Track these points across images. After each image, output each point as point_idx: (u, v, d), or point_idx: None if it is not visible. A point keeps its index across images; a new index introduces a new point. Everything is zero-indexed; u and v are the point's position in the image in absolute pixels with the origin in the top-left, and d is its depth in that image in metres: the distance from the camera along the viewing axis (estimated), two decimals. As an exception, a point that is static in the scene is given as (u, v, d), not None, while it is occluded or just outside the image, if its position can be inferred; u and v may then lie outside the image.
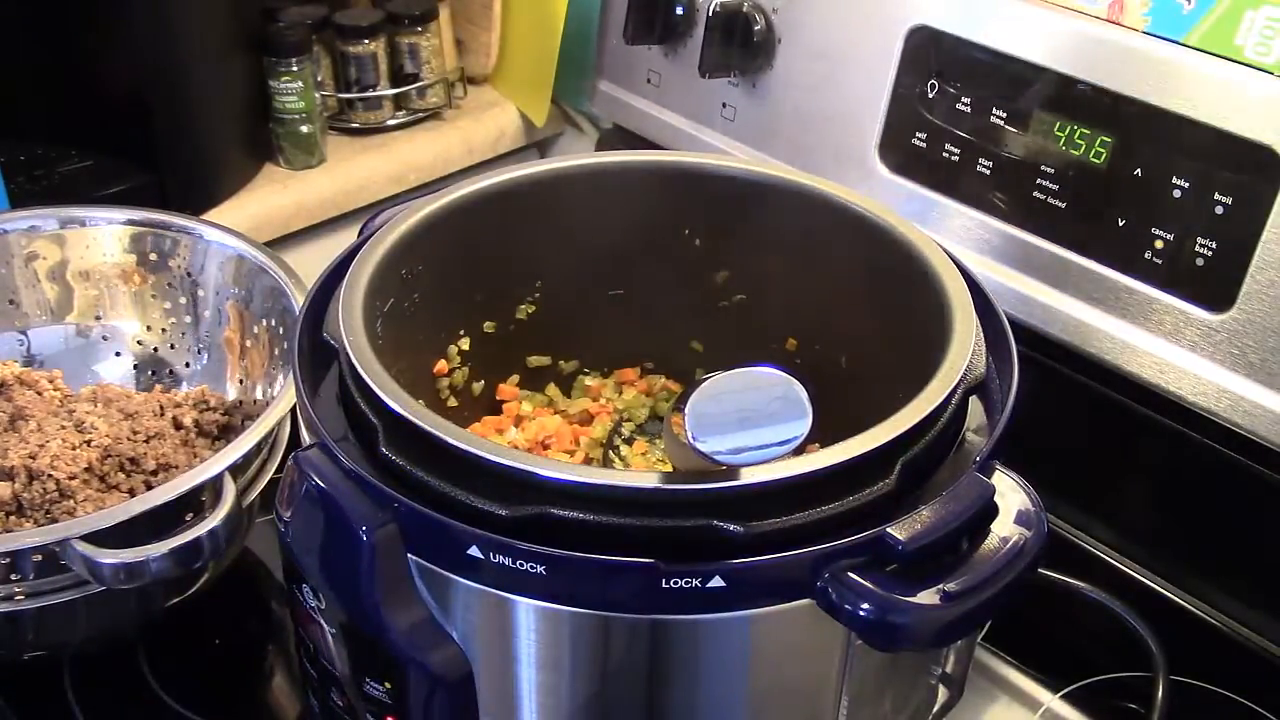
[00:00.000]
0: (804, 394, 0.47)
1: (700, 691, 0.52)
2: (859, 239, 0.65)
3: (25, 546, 0.62)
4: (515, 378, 0.75)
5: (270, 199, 1.06)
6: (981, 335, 0.58)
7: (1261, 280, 0.67)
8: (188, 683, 0.75)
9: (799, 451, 0.48)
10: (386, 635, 0.51)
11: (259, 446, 0.70)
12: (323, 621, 0.55)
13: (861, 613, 0.47)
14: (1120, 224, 0.72)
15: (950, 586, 0.47)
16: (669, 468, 0.52)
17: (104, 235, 0.87)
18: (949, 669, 0.62)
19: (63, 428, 0.75)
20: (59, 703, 0.73)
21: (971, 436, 0.57)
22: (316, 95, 1.09)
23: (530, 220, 0.69)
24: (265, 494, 0.72)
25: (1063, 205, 0.75)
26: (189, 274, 0.87)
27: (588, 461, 0.71)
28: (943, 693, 0.62)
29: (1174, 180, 0.70)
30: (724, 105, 0.94)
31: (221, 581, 0.74)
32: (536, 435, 0.71)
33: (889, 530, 0.47)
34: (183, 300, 0.87)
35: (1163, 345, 0.72)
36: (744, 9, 0.89)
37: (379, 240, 0.62)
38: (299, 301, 0.77)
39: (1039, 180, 0.76)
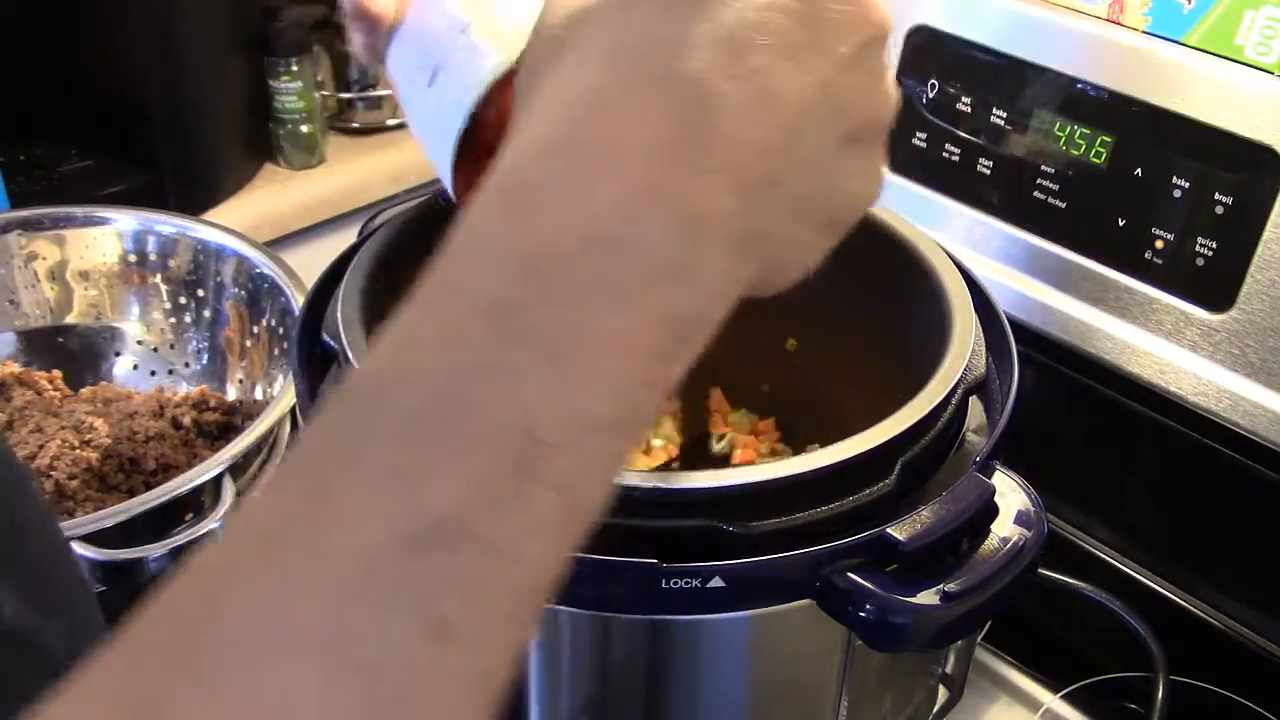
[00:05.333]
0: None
1: (700, 691, 0.52)
2: (859, 238, 0.65)
3: (25, 546, 0.63)
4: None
5: (270, 199, 1.06)
6: (981, 335, 0.58)
7: (1261, 280, 0.67)
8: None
9: (798, 451, 0.48)
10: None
11: (259, 446, 0.70)
12: (322, 621, 0.55)
13: (862, 613, 0.47)
14: (1120, 224, 0.72)
15: (950, 587, 0.47)
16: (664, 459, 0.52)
17: (104, 235, 0.87)
18: (949, 669, 0.62)
19: (62, 428, 0.75)
20: (59, 703, 0.73)
21: (971, 436, 0.57)
22: (316, 95, 1.09)
23: (530, 220, 0.69)
24: (265, 494, 0.71)
25: (1063, 205, 0.75)
26: (189, 274, 0.87)
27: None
28: (943, 693, 0.62)
29: (1174, 180, 0.70)
30: (724, 105, 0.94)
31: (221, 581, 0.74)
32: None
33: (889, 530, 0.47)
34: (183, 300, 0.87)
35: (1163, 345, 0.72)
36: (744, 9, 0.89)
37: (379, 240, 0.62)
38: (299, 301, 0.77)
39: (1039, 180, 0.76)
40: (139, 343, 0.88)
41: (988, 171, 0.78)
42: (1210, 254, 0.69)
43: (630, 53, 0.34)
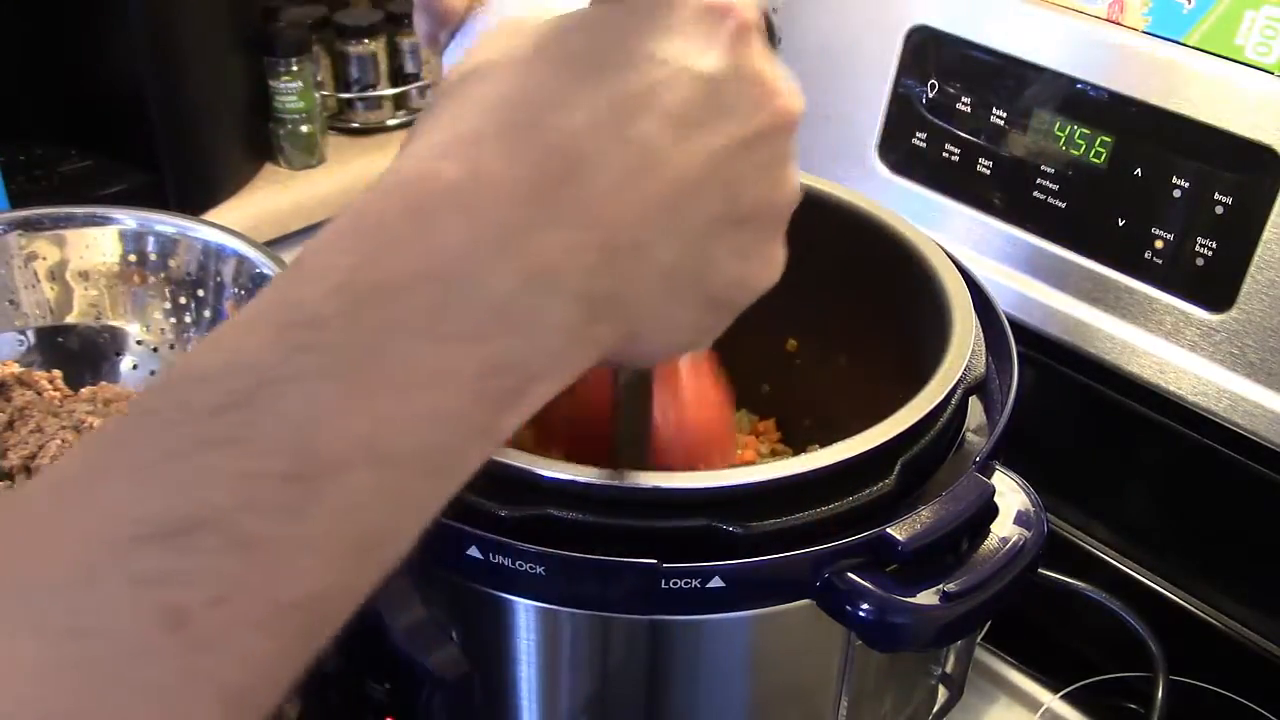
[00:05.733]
0: None
1: (700, 691, 0.52)
2: (859, 239, 0.65)
3: (25, 546, 0.62)
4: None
5: (270, 199, 1.06)
6: (981, 335, 0.58)
7: (1261, 280, 0.67)
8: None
9: (798, 451, 0.48)
10: (386, 635, 0.51)
11: (259, 446, 0.70)
12: (322, 621, 0.55)
13: (861, 613, 0.47)
14: (1120, 224, 0.72)
15: (950, 587, 0.47)
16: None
17: (104, 235, 0.87)
18: (949, 669, 0.62)
19: (63, 428, 0.75)
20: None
21: (971, 436, 0.57)
22: (316, 95, 1.09)
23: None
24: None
25: (1063, 205, 0.75)
26: (189, 274, 0.87)
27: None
28: (943, 693, 0.62)
29: (1174, 180, 0.70)
30: (724, 105, 0.94)
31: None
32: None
33: (889, 530, 0.47)
34: (183, 300, 0.87)
35: (1163, 345, 0.72)
36: (744, 9, 0.89)
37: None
38: (299, 301, 0.77)
39: (1039, 180, 0.76)
40: (139, 343, 0.88)
41: (988, 171, 0.78)
42: (1210, 254, 0.69)
43: (511, 104, 0.34)
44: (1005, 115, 0.77)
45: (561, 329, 0.33)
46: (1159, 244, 0.71)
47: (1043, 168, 0.75)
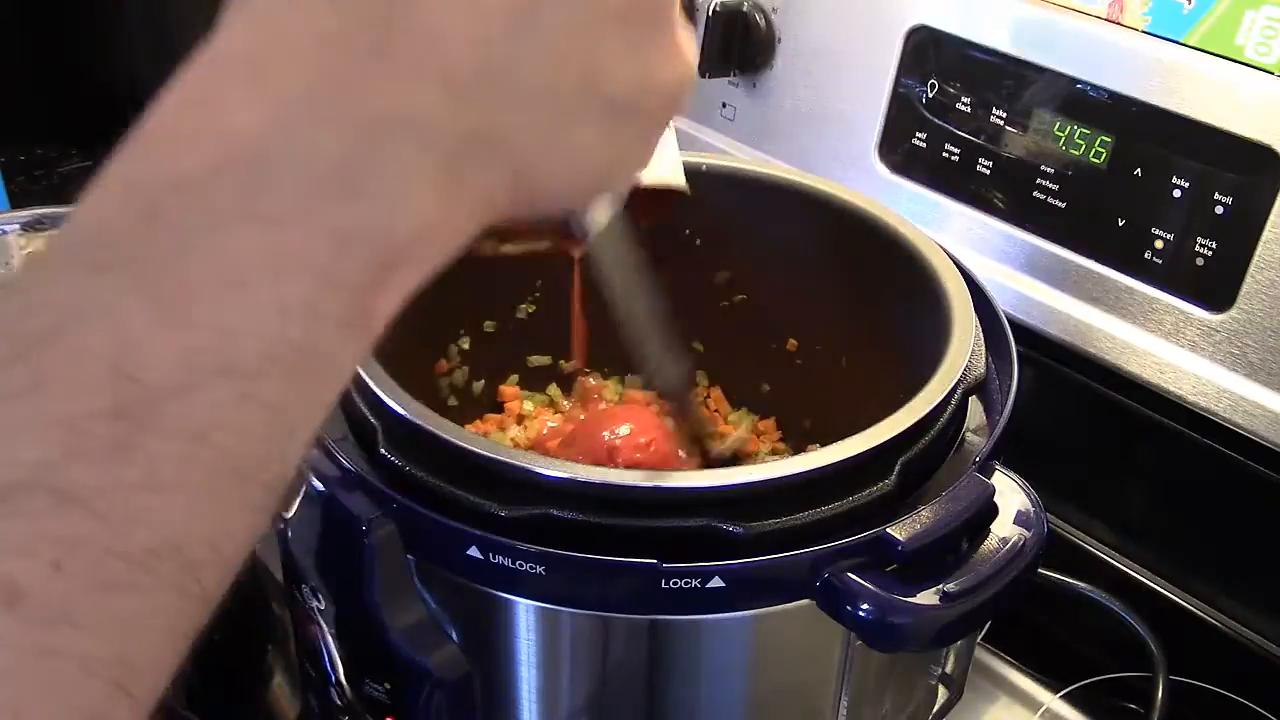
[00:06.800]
0: None
1: (700, 691, 0.52)
2: (859, 239, 0.65)
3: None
4: (515, 377, 0.75)
5: (270, 199, 1.06)
6: (981, 335, 0.58)
7: (1261, 280, 0.67)
8: (188, 683, 0.75)
9: (798, 451, 0.48)
10: (386, 635, 0.51)
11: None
12: (322, 622, 0.55)
13: (861, 613, 0.47)
14: (1120, 224, 0.72)
15: (950, 587, 0.47)
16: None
17: (104, 235, 0.87)
18: (949, 669, 0.62)
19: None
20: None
21: (971, 436, 0.57)
22: (316, 95, 1.09)
23: (530, 220, 0.69)
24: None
25: (1063, 205, 0.75)
26: (189, 274, 0.87)
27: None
28: (943, 693, 0.62)
29: (1174, 180, 0.70)
30: (724, 105, 0.94)
31: (221, 581, 0.74)
32: (539, 434, 0.71)
33: (889, 530, 0.47)
34: (183, 300, 0.87)
35: (1163, 345, 0.72)
36: (744, 9, 0.89)
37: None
38: (299, 301, 0.77)
39: (1039, 180, 0.76)
40: (139, 343, 0.88)
41: (988, 171, 0.78)
42: (1210, 254, 0.69)
43: None
44: (1005, 115, 0.77)
45: (421, 183, 0.29)
46: (1159, 244, 0.71)
47: (1043, 168, 0.75)
